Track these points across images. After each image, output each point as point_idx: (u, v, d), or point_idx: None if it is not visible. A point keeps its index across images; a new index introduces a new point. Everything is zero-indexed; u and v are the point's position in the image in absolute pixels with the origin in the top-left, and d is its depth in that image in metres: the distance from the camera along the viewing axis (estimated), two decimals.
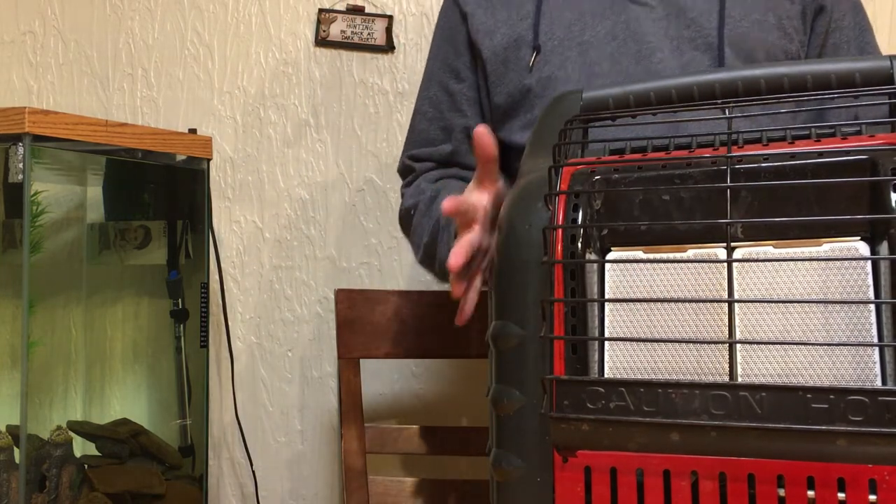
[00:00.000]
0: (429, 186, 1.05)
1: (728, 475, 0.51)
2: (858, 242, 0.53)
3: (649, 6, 0.97)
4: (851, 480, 0.49)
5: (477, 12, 1.05)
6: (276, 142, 1.51)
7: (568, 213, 0.59)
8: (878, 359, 0.51)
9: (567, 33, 0.98)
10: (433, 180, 1.07)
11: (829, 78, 0.63)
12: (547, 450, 0.57)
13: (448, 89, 1.08)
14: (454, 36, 1.08)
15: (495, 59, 1.02)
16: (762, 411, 0.50)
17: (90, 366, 1.52)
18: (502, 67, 1.02)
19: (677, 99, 0.67)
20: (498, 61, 1.02)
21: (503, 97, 1.02)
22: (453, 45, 1.08)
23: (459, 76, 1.08)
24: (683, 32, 0.95)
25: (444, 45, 1.10)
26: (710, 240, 0.56)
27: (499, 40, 1.02)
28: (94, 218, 1.52)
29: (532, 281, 0.59)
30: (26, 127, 1.11)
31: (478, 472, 1.30)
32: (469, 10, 1.05)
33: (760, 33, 0.94)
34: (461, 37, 1.07)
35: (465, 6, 1.06)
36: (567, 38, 0.98)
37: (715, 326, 0.54)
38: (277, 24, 1.51)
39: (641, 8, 0.97)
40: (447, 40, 1.09)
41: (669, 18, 0.96)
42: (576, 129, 0.67)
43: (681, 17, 0.96)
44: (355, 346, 1.26)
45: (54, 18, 1.61)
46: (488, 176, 0.78)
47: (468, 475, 1.34)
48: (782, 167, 0.55)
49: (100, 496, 1.28)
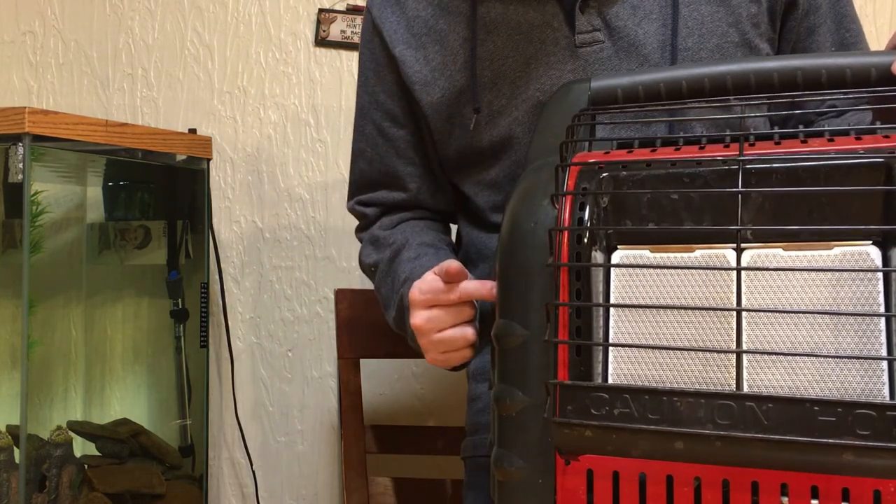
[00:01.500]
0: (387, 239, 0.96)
1: (731, 483, 0.51)
2: (870, 247, 0.52)
3: (598, 44, 0.86)
4: (856, 492, 0.48)
5: (407, 57, 0.92)
6: (276, 142, 1.51)
7: (574, 210, 0.58)
8: (886, 369, 0.51)
9: (511, 88, 0.88)
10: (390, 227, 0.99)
11: (843, 73, 0.63)
12: (549, 452, 0.56)
13: (386, 134, 0.97)
14: (382, 74, 0.96)
15: (438, 117, 0.92)
16: (768, 422, 0.50)
17: (90, 366, 1.52)
18: (447, 125, 0.92)
19: (687, 91, 0.67)
20: (441, 119, 0.92)
21: (453, 152, 0.94)
22: (383, 82, 0.96)
23: (397, 121, 0.96)
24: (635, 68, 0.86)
25: (373, 78, 0.97)
26: (719, 240, 0.55)
27: (438, 96, 0.91)
28: (94, 218, 1.52)
29: (537, 281, 0.58)
30: (26, 127, 1.11)
31: None
32: (398, 53, 0.93)
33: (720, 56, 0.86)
34: (392, 78, 0.95)
35: (392, 47, 0.93)
36: (512, 95, 0.88)
37: (722, 333, 0.54)
38: (277, 24, 1.51)
39: (590, 49, 0.86)
40: (376, 74, 0.97)
41: (620, 56, 0.86)
42: (584, 125, 0.67)
43: (632, 53, 0.86)
44: (355, 347, 1.26)
45: (54, 18, 1.61)
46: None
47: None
48: (795, 168, 0.54)
49: (100, 496, 1.28)
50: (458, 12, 0.91)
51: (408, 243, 0.93)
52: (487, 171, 0.93)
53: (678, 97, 0.67)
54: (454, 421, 1.32)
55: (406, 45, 0.93)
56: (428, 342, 0.78)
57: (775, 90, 0.65)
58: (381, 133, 0.98)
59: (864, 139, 0.56)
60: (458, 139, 0.93)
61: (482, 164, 0.93)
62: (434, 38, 0.92)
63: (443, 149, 0.95)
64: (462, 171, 0.96)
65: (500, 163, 0.92)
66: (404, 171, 0.98)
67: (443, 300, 0.76)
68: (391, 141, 0.98)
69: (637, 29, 0.86)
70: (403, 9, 0.94)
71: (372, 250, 0.98)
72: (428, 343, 0.79)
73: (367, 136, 0.99)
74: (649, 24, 0.86)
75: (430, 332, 0.78)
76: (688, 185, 0.57)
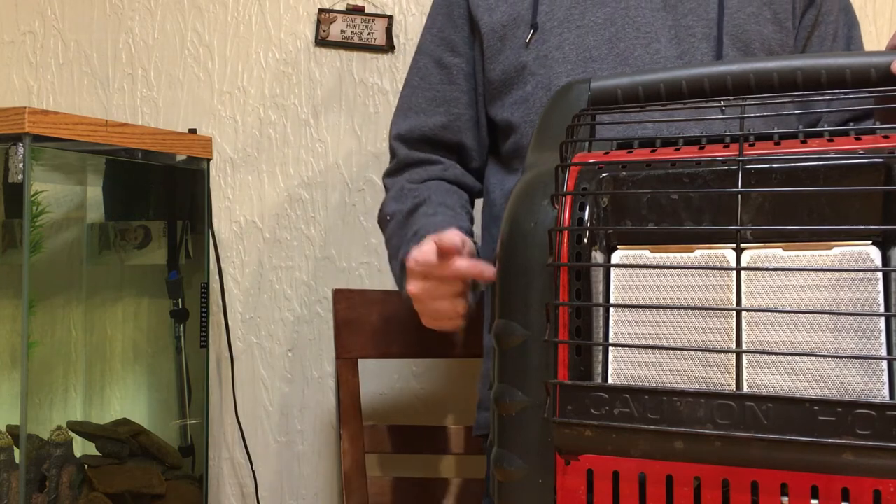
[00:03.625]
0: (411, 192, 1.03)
1: (731, 483, 0.51)
2: (870, 247, 0.52)
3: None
4: (856, 492, 0.48)
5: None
6: (276, 142, 1.51)
7: (574, 210, 0.58)
8: (886, 369, 0.51)
9: (567, 15, 0.99)
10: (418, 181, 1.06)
11: (843, 73, 0.63)
12: (549, 452, 0.56)
13: (442, 62, 1.08)
14: (452, 9, 1.08)
15: (493, 35, 1.03)
16: (768, 422, 0.50)
17: (90, 366, 1.52)
18: (499, 44, 1.02)
19: (688, 91, 0.67)
20: (496, 37, 1.02)
21: (498, 73, 1.03)
22: (451, 18, 1.08)
23: (456, 49, 1.07)
24: (681, 21, 0.96)
25: (441, 18, 1.09)
26: (718, 240, 0.55)
27: (498, 17, 1.02)
28: (94, 218, 1.52)
29: (536, 281, 0.58)
30: (26, 127, 1.11)
31: (477, 470, 1.30)
32: None
33: (757, 26, 0.95)
34: (460, 10, 1.07)
35: None
36: (566, 20, 0.99)
37: (722, 333, 0.54)
38: (277, 24, 1.51)
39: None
40: (445, 13, 1.09)
41: (668, 8, 0.96)
42: (583, 125, 0.67)
43: (679, 6, 0.96)
44: (354, 347, 1.26)
45: (54, 18, 1.61)
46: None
47: (467, 474, 1.34)
48: (794, 168, 0.54)
49: (100, 496, 1.28)
50: None
51: (429, 199, 0.99)
52: (524, 87, 1.01)
53: (678, 97, 0.67)
54: (454, 420, 1.32)
55: None
56: (421, 308, 0.86)
57: (775, 90, 0.65)
58: (437, 63, 1.08)
59: (864, 139, 0.56)
60: (506, 58, 1.02)
61: (521, 80, 1.01)
62: None
63: (490, 70, 1.03)
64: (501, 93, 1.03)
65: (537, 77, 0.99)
66: (451, 95, 1.07)
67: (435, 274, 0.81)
68: (445, 68, 1.07)
69: None
70: None
71: (393, 199, 1.04)
72: (421, 309, 0.86)
73: (420, 69, 1.09)
74: None
75: (423, 301, 0.85)
76: (687, 186, 0.57)
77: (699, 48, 0.95)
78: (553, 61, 0.98)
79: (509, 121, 1.03)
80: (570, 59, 0.98)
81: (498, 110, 1.04)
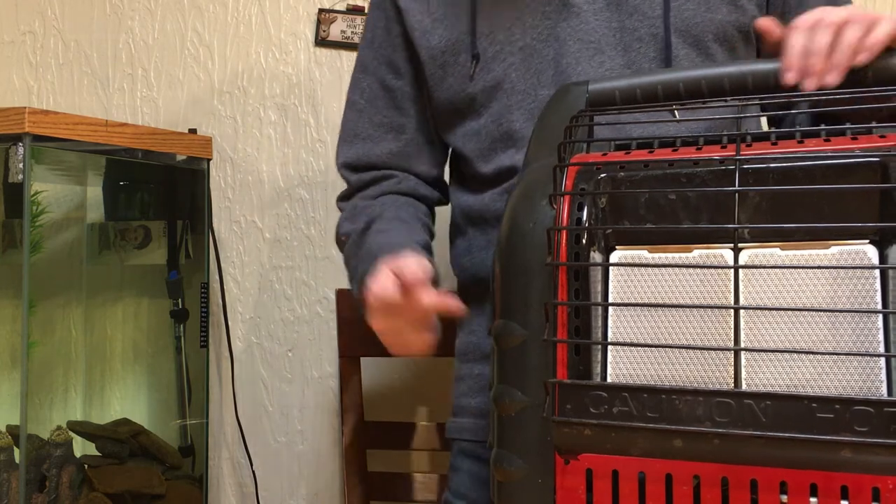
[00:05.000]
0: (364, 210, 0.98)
1: (730, 481, 0.51)
2: (867, 246, 0.53)
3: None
4: (854, 489, 0.49)
5: (412, 7, 0.98)
6: (276, 142, 1.51)
7: (573, 211, 0.58)
8: (884, 366, 0.51)
9: (507, 36, 0.93)
10: (371, 198, 1.00)
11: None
12: (549, 452, 0.57)
13: (385, 84, 1.01)
14: (390, 27, 1.01)
15: (433, 63, 0.97)
16: (766, 420, 0.50)
17: (90, 366, 1.52)
18: (441, 72, 0.96)
19: (685, 93, 0.67)
20: (436, 65, 0.96)
21: (444, 101, 0.97)
22: (389, 35, 1.01)
23: (399, 72, 1.01)
24: (626, 22, 0.90)
25: (380, 33, 1.02)
26: (716, 239, 0.56)
27: (436, 42, 0.96)
28: (94, 218, 1.52)
29: (535, 281, 0.58)
30: (26, 127, 1.11)
31: None
32: (403, 4, 0.98)
33: (707, 13, 0.89)
34: (397, 29, 1.00)
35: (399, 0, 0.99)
36: (507, 43, 0.93)
37: (720, 332, 0.54)
38: (277, 24, 1.51)
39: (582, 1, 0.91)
40: (383, 28, 1.01)
41: (612, 9, 0.90)
42: (581, 126, 0.67)
43: (623, 5, 0.90)
44: (356, 345, 1.27)
45: (54, 18, 1.61)
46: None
47: None
48: (791, 167, 0.55)
49: (100, 496, 1.28)
50: None
51: (381, 216, 0.95)
52: (476, 119, 0.96)
53: (676, 99, 0.68)
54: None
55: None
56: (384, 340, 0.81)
57: (772, 91, 0.66)
58: (381, 84, 1.01)
59: (861, 139, 0.56)
60: (450, 86, 0.96)
61: (472, 112, 0.96)
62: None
63: (435, 97, 0.98)
64: (452, 121, 0.99)
65: (489, 110, 0.94)
66: (399, 121, 1.01)
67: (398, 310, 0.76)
68: (391, 91, 1.01)
69: None
70: None
71: (347, 220, 1.00)
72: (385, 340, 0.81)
73: (364, 89, 1.03)
74: None
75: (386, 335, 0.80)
76: (685, 186, 0.57)
77: (646, 54, 0.89)
78: (502, 93, 0.93)
79: (462, 151, 0.98)
80: (518, 89, 0.92)
81: (450, 137, 1.00)
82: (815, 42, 0.67)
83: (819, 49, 0.66)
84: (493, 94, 0.94)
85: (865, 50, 0.66)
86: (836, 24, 0.67)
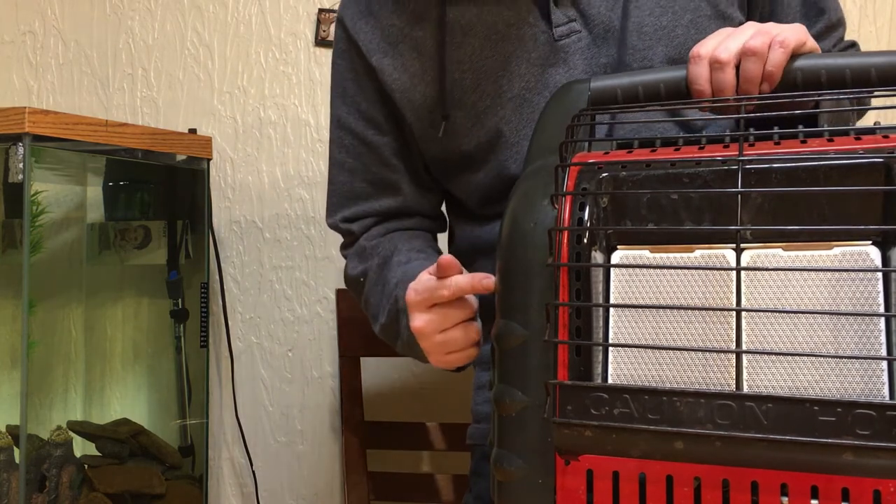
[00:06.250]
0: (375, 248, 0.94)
1: (731, 483, 0.51)
2: (870, 247, 0.52)
3: (576, 34, 0.86)
4: (856, 492, 0.48)
5: (385, 65, 0.91)
6: (276, 142, 1.51)
7: (574, 211, 0.58)
8: (886, 369, 0.51)
9: (495, 87, 0.88)
10: (378, 237, 0.96)
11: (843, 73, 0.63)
12: (549, 452, 0.56)
13: (369, 143, 0.95)
14: (360, 83, 0.94)
15: (421, 124, 0.92)
16: (768, 422, 0.50)
17: (90, 366, 1.52)
18: (432, 131, 0.91)
19: (687, 91, 0.67)
20: (424, 125, 0.91)
21: (437, 159, 0.94)
22: (361, 88, 0.94)
23: (381, 128, 0.95)
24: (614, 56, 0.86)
25: (351, 86, 0.95)
26: (718, 240, 0.55)
27: (420, 101, 0.90)
28: (94, 218, 1.52)
29: (536, 281, 0.58)
30: (26, 127, 1.11)
31: None
32: (375, 62, 0.91)
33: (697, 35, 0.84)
34: (372, 87, 0.93)
35: (369, 56, 0.92)
36: (497, 94, 0.88)
37: (722, 333, 0.54)
38: (277, 24, 1.51)
39: (569, 40, 0.86)
40: (353, 80, 0.95)
41: (598, 43, 0.86)
42: (583, 125, 0.67)
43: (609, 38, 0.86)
44: (356, 345, 1.27)
45: (54, 18, 1.61)
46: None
47: (465, 470, 1.34)
48: (794, 168, 0.54)
49: (100, 496, 1.28)
50: (431, 19, 0.90)
51: (397, 249, 0.91)
52: (475, 173, 0.92)
53: (677, 97, 0.67)
54: (453, 418, 1.32)
55: (383, 53, 0.92)
56: (430, 344, 0.76)
57: (775, 90, 0.66)
58: (364, 142, 0.96)
59: (864, 139, 0.56)
60: (442, 144, 0.92)
61: (470, 167, 0.92)
62: (410, 46, 0.91)
63: (428, 153, 0.94)
64: (449, 174, 0.95)
65: (488, 164, 0.91)
66: (392, 178, 0.96)
67: (437, 298, 0.73)
68: (375, 149, 0.95)
69: (611, 14, 0.86)
70: (377, 19, 0.92)
71: (358, 262, 0.96)
72: (431, 345, 0.76)
73: (348, 147, 0.97)
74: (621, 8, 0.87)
75: (432, 334, 0.75)
76: (687, 186, 0.57)
77: None
78: (498, 147, 0.89)
79: (463, 201, 0.96)
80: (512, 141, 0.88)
81: (448, 186, 0.96)
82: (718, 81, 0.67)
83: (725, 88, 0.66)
84: (490, 150, 0.90)
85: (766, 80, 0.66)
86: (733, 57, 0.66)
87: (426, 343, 0.76)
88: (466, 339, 0.75)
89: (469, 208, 0.97)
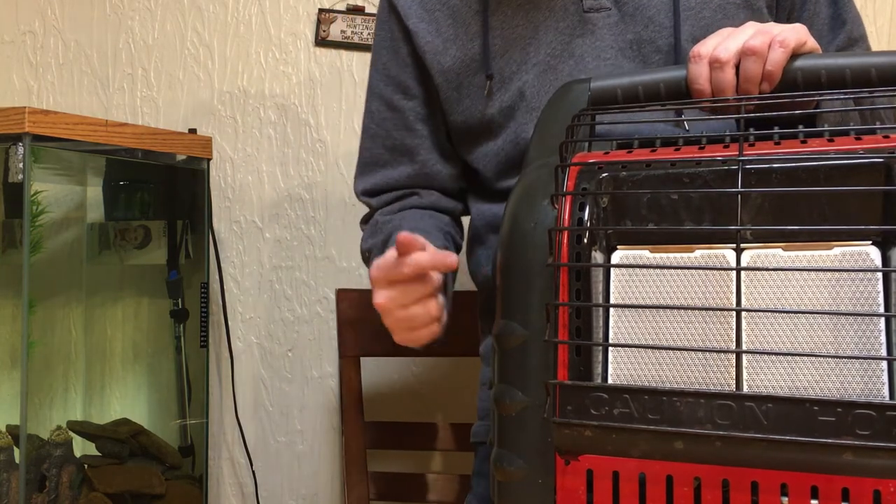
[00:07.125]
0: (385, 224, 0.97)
1: (731, 483, 0.51)
2: (870, 247, 0.52)
3: (605, 10, 0.89)
4: (856, 492, 0.48)
5: (420, 28, 0.95)
6: (276, 142, 1.51)
7: (574, 211, 0.58)
8: (886, 369, 0.51)
9: (522, 54, 0.91)
10: (392, 213, 1.00)
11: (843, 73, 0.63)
12: (549, 452, 0.56)
13: (394, 105, 1.00)
14: (397, 48, 0.98)
15: (448, 85, 0.95)
16: (768, 422, 0.50)
17: (90, 366, 1.52)
18: (456, 94, 0.95)
19: (687, 90, 0.67)
20: (451, 87, 0.95)
21: (460, 122, 0.96)
22: (397, 55, 0.98)
23: (408, 92, 0.99)
24: (642, 34, 0.88)
25: (386, 54, 1.00)
26: (718, 240, 0.55)
27: (449, 63, 0.94)
28: (94, 218, 1.52)
29: (536, 281, 0.58)
30: (26, 127, 1.11)
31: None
32: (412, 25, 0.96)
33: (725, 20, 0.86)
34: (406, 50, 0.97)
35: (406, 20, 0.96)
36: (523, 61, 0.91)
37: (722, 333, 0.54)
38: (277, 24, 1.51)
39: (598, 14, 0.89)
40: (390, 48, 0.99)
41: (626, 21, 0.89)
42: (583, 125, 0.67)
43: (637, 16, 0.88)
44: (356, 345, 1.27)
45: (54, 18, 1.61)
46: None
47: (465, 470, 1.34)
48: (794, 168, 0.54)
49: (100, 496, 1.28)
50: None
51: (401, 227, 0.92)
52: (494, 139, 0.95)
53: (678, 97, 0.68)
54: (453, 418, 1.32)
55: (419, 18, 0.96)
56: (392, 321, 0.77)
57: (775, 90, 0.66)
58: (390, 107, 1.00)
59: (864, 139, 0.56)
60: (467, 108, 0.95)
61: (489, 133, 0.95)
62: (446, 13, 0.95)
63: (451, 116, 0.97)
64: (469, 142, 0.98)
65: (506, 130, 0.93)
66: (411, 143, 1.00)
67: (396, 275, 0.74)
68: (399, 112, 0.99)
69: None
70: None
71: (369, 237, 0.99)
72: (392, 322, 0.77)
73: (374, 113, 1.01)
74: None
75: (393, 311, 0.75)
76: (687, 186, 0.57)
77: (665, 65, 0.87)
78: (518, 112, 0.92)
79: (481, 171, 0.98)
80: (533, 106, 0.91)
81: (466, 155, 0.99)
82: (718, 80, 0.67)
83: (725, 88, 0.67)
84: (510, 114, 0.92)
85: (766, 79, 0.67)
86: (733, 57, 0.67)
87: (388, 320, 0.77)
88: (427, 315, 0.76)
89: (485, 182, 0.99)
